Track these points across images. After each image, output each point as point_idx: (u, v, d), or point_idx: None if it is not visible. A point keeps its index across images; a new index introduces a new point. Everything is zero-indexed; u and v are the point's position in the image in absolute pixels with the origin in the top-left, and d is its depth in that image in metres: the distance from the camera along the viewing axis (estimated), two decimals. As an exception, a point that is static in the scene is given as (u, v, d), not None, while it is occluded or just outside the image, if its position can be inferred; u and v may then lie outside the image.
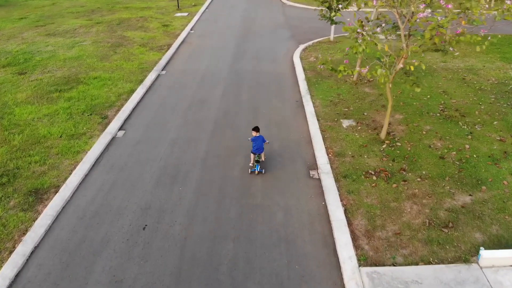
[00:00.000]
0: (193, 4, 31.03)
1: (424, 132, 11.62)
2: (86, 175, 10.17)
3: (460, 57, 17.95)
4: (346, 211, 8.67)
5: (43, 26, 24.25)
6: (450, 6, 7.81)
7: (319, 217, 8.56)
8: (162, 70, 17.36)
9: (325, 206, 8.87)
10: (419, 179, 9.62)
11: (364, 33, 8.94)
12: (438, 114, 12.63)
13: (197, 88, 15.32)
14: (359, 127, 12.06)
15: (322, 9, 11.21)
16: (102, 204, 9.09)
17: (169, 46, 20.42)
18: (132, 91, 14.87)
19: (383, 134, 11.28)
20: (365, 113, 12.89)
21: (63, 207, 9.09)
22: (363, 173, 9.93)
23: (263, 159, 9.97)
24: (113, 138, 11.87)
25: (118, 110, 13.43)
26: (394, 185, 9.43)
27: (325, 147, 11.06)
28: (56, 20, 25.81)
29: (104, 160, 10.76)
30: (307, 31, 23.11)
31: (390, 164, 10.22)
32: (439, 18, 7.60)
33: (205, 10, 29.27)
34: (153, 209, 8.88)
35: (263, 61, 18.35)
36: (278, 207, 8.84)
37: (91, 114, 13.13)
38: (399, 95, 13.93)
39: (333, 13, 10.14)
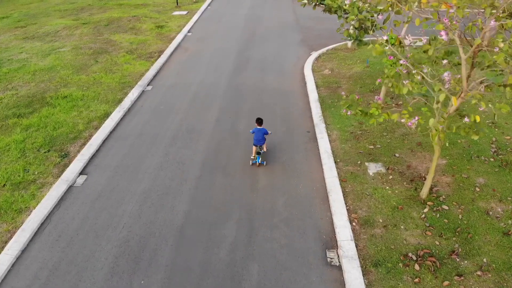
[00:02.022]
0: (194, 0, 28.10)
1: (477, 189, 8.71)
2: (23, 251, 7.51)
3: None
4: (379, 334, 5.87)
5: (24, 27, 21.60)
6: None
7: None
8: (147, 85, 14.60)
9: (349, 323, 6.08)
10: (479, 273, 6.76)
11: (412, 67, 6.03)
12: (492, 159, 9.68)
13: (187, 111, 12.54)
14: (391, 176, 9.20)
15: (347, 29, 8.26)
16: (31, 308, 6.41)
17: (160, 52, 17.62)
18: (106, 116, 12.14)
19: (424, 192, 8.42)
20: (397, 154, 10.00)
21: (-21, 308, 6.44)
22: (401, 257, 7.11)
23: (264, 150, 9.74)
24: (70, 188, 9.18)
25: (84, 144, 10.73)
26: (446, 283, 6.60)
27: (347, 209, 8.24)
28: (39, 19, 23.14)
29: (51, 226, 8.08)
30: (320, 34, 20.11)
31: (437, 243, 7.37)
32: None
33: (207, 8, 26.36)
34: (100, 320, 6.17)
35: (268, 73, 15.48)
36: (280, 325, 6.06)
37: (48, 151, 10.46)
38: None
39: (363, 42, 7.23)
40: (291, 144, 10.70)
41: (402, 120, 6.75)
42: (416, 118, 6.70)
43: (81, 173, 9.72)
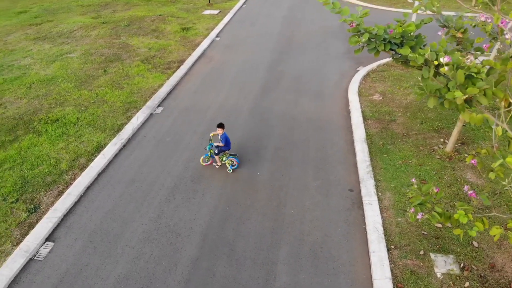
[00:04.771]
0: (228, -3, 25.51)
1: None
2: None
3: None
4: None
5: (39, 24, 19.78)
6: None
7: None
8: (158, 106, 12.21)
9: None
10: None
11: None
12: None
13: (197, 148, 10.04)
14: (467, 283, 6.32)
15: (434, 97, 5.24)
16: None
17: (180, 62, 15.20)
18: (98, 150, 9.85)
19: (528, 330, 5.49)
20: (475, 242, 7.06)
21: None
22: None
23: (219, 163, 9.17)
24: (28, 263, 6.91)
25: (61, 193, 8.46)
26: None
27: None
28: (58, 16, 21.30)
29: (-19, 334, 5.80)
30: (369, 44, 16.95)
31: None
32: None
33: (241, 6, 23.73)
34: None
35: (303, 95, 12.71)
36: None
37: (16, 201, 8.26)
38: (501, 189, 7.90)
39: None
40: (326, 211, 7.96)
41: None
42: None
43: (48, 238, 7.44)
